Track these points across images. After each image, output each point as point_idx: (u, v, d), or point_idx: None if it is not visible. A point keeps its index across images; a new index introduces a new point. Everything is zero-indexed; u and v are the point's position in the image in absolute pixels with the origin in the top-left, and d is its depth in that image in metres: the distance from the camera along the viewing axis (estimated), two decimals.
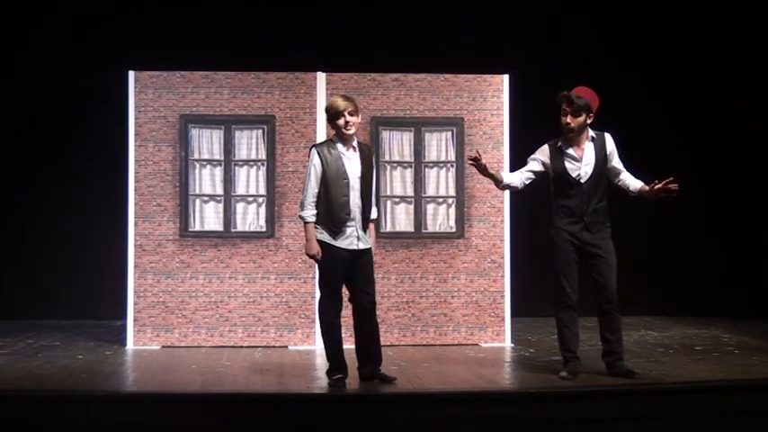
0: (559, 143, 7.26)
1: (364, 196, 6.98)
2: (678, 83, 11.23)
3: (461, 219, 9.15)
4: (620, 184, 7.31)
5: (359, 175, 6.95)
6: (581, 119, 7.16)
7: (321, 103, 9.10)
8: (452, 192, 9.17)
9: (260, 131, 9.11)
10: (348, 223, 6.89)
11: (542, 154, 7.34)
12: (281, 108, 9.12)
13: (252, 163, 9.10)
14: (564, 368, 7.18)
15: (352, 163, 6.94)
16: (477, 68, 9.35)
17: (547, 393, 6.65)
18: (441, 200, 9.20)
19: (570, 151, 7.22)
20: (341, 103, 6.91)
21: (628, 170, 7.35)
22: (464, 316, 9.11)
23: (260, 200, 9.09)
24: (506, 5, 10.69)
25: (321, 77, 9.17)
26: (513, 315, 9.23)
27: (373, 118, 9.12)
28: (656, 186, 7.04)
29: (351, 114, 6.89)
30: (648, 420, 6.37)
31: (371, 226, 7.12)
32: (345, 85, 9.13)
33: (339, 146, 6.95)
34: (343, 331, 7.01)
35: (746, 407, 6.50)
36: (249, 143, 9.11)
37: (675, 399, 6.55)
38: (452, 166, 9.19)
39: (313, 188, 6.87)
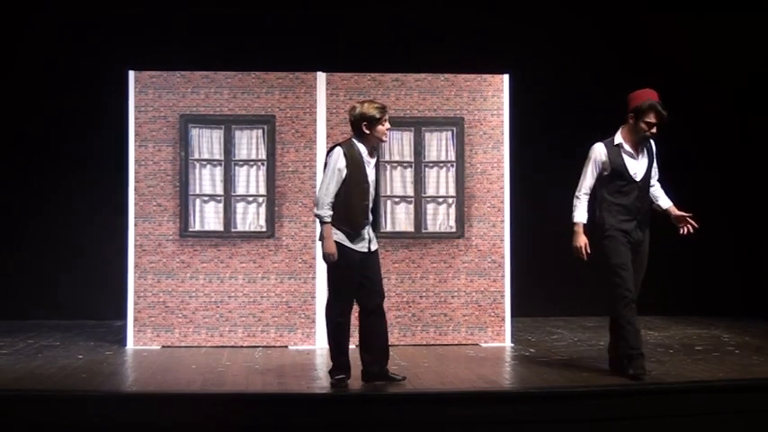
0: (617, 142, 7.22)
1: (375, 200, 7.04)
2: (677, 81, 11.22)
3: (461, 218, 9.15)
4: (650, 190, 7.39)
5: (374, 179, 6.99)
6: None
7: (321, 103, 9.11)
8: (452, 192, 9.17)
9: (260, 131, 9.11)
10: (366, 227, 6.92)
11: (599, 155, 7.24)
12: (282, 108, 9.12)
13: (252, 163, 9.10)
14: (630, 366, 7.00)
15: (370, 168, 6.94)
16: (477, 68, 9.35)
17: (547, 393, 6.65)
18: (441, 200, 9.20)
19: (629, 149, 7.21)
20: (379, 109, 6.87)
21: None
22: (464, 316, 9.11)
23: (260, 200, 9.09)
24: (506, 5, 10.69)
25: (321, 77, 9.17)
26: (513, 315, 9.23)
27: None
28: (683, 215, 7.22)
29: (387, 121, 6.91)
30: (648, 420, 6.38)
31: None
32: (345, 85, 9.14)
33: (362, 150, 6.89)
34: (358, 329, 7.02)
35: (746, 407, 6.50)
36: (249, 143, 9.11)
37: (675, 399, 6.55)
38: (452, 165, 9.19)
39: (334, 188, 6.78)
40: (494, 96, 9.25)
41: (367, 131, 6.85)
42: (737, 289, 11.27)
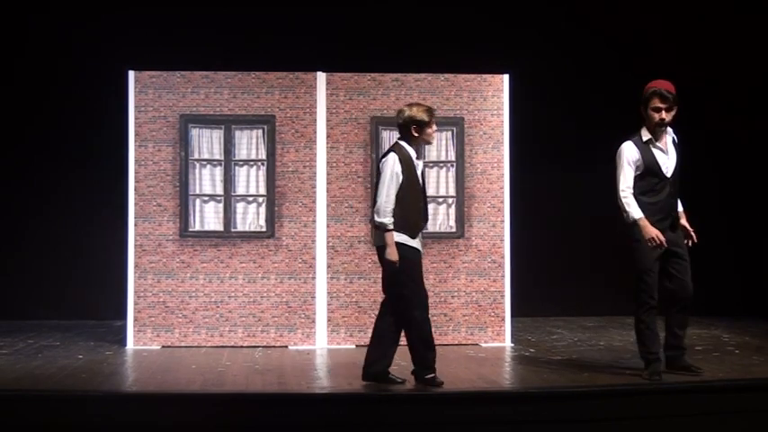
0: (646, 137, 7.08)
1: (425, 201, 7.04)
2: (677, 81, 11.19)
3: (461, 218, 9.15)
4: None
5: (423, 181, 7.00)
6: (673, 112, 7.07)
7: (321, 103, 9.11)
8: (452, 191, 9.17)
9: (260, 131, 9.11)
10: (423, 229, 6.94)
11: (631, 154, 7.06)
12: (282, 108, 9.12)
13: (252, 163, 9.11)
14: (646, 369, 7.00)
15: (419, 170, 6.95)
16: (477, 68, 9.35)
17: (547, 393, 6.65)
18: (441, 200, 9.20)
19: (659, 144, 7.08)
20: (426, 111, 6.88)
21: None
22: (464, 316, 9.11)
23: (260, 200, 9.09)
24: (506, 5, 10.70)
25: (321, 77, 9.17)
26: (513, 315, 9.23)
27: (373, 118, 9.11)
28: (688, 228, 7.17)
29: (435, 123, 6.93)
30: (648, 420, 6.38)
31: None
32: (345, 85, 9.14)
33: (411, 152, 6.90)
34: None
35: (746, 407, 6.50)
36: (249, 143, 9.11)
37: (675, 399, 6.55)
38: (452, 165, 9.19)
39: (394, 194, 6.74)
40: (494, 96, 9.25)
41: (416, 134, 6.88)
42: (737, 289, 11.26)
